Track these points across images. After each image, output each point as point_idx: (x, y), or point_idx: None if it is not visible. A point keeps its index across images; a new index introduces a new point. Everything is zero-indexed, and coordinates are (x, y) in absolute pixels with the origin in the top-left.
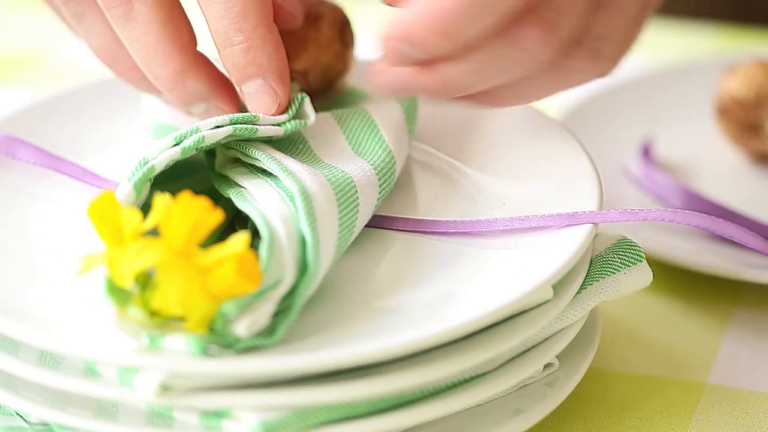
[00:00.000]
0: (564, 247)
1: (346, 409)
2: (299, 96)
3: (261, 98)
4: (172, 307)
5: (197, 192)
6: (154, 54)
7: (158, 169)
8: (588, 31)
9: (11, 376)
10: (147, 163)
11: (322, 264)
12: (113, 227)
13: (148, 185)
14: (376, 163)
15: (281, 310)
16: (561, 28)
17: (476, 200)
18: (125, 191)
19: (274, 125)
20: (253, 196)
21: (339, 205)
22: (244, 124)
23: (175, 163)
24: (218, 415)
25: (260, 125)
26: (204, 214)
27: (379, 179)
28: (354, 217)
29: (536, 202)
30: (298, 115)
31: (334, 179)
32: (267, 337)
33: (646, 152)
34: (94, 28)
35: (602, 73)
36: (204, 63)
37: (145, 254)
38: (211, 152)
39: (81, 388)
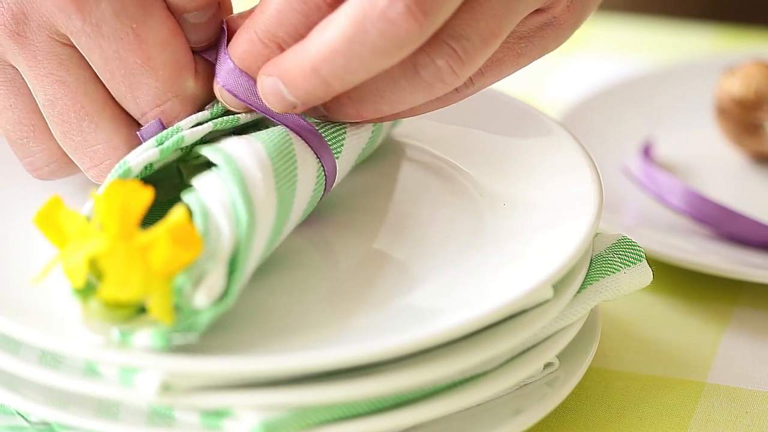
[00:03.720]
0: (564, 247)
1: (347, 409)
2: None
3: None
4: (121, 293)
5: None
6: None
7: (135, 170)
8: (447, 29)
9: (12, 376)
10: (125, 164)
11: (259, 215)
12: (59, 231)
13: None
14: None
15: (230, 272)
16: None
17: (477, 200)
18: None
19: None
20: (195, 187)
21: (271, 158)
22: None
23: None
24: (219, 414)
25: (241, 114)
26: (131, 194)
27: (324, 132)
28: (293, 167)
29: (536, 202)
30: None
31: (265, 136)
32: (222, 302)
33: (647, 152)
34: None
35: (458, 82)
36: None
37: (85, 246)
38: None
39: (82, 388)
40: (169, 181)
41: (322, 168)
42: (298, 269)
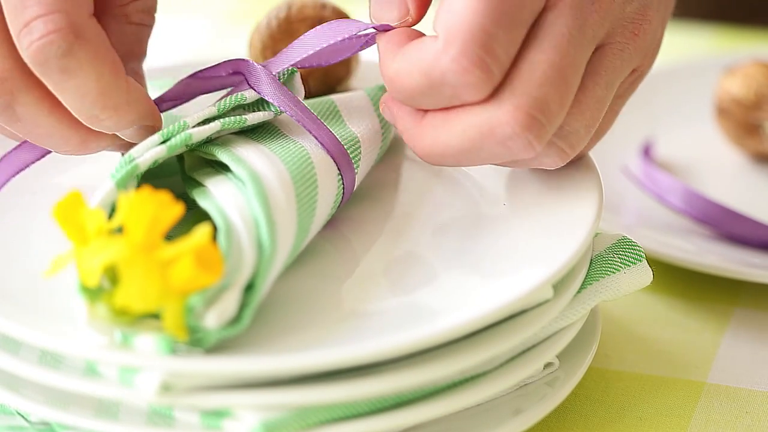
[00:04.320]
0: (564, 247)
1: (347, 409)
2: (288, 70)
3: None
4: (135, 303)
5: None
6: (50, 139)
7: (143, 167)
8: (558, 130)
9: (12, 376)
10: (132, 161)
11: (280, 242)
12: (78, 227)
13: (134, 182)
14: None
15: (245, 295)
16: (547, 130)
17: (477, 201)
18: (107, 189)
19: (262, 101)
20: (212, 192)
21: (295, 182)
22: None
23: (167, 161)
24: (219, 414)
25: (249, 114)
26: (163, 207)
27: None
28: (313, 192)
29: (537, 202)
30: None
31: (289, 157)
32: (234, 326)
33: (647, 152)
34: None
35: (560, 163)
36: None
37: (107, 250)
38: (181, 157)
39: (82, 388)
40: (168, 166)
41: (341, 185)
42: (297, 270)
